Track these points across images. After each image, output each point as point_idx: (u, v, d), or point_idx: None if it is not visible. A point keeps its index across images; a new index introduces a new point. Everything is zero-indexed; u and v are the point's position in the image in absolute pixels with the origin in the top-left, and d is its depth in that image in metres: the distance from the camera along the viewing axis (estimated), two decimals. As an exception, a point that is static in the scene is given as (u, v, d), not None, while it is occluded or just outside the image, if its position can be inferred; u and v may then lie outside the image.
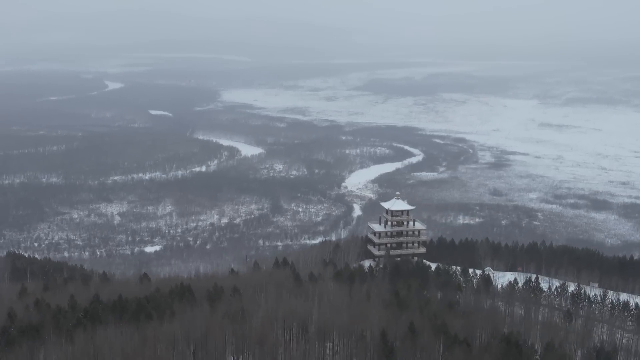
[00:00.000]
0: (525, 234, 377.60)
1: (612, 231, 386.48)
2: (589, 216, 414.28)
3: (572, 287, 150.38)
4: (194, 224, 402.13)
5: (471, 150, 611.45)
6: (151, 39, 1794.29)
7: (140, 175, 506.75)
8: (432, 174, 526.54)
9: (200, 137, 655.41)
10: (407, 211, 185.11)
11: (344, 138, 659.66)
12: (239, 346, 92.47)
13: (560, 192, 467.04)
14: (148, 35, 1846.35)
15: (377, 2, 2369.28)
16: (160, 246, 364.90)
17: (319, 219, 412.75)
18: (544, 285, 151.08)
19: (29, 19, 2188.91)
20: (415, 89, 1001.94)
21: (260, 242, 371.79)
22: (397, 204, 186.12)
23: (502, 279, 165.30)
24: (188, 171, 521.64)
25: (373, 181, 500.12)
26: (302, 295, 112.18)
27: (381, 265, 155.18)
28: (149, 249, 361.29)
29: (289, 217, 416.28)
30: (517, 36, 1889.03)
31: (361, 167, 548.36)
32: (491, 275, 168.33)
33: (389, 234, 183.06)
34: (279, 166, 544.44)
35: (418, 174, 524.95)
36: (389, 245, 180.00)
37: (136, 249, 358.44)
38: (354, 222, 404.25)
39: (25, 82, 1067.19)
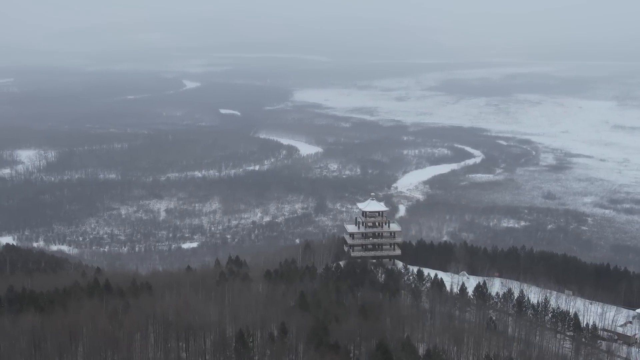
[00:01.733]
0: (570, 239, 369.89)
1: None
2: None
3: (534, 294, 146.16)
4: (236, 222, 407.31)
5: (534, 152, 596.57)
6: (234, 39, 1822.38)
7: (195, 172, 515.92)
8: (487, 175, 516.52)
9: (263, 136, 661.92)
10: (382, 212, 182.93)
11: (405, 138, 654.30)
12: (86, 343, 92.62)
13: (617, 197, 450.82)
14: (232, 36, 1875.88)
15: (462, 1, 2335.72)
16: (197, 243, 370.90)
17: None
18: (519, 292, 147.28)
19: (119, 21, 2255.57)
20: (491, 90, 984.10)
21: (297, 240, 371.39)
22: (371, 205, 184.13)
23: (476, 283, 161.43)
24: (241, 170, 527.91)
25: (425, 182, 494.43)
26: (211, 294, 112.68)
27: (334, 266, 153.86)
28: (187, 245, 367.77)
29: (331, 216, 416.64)
30: (603, 35, 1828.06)
31: (416, 168, 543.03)
32: (464, 280, 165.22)
33: (363, 235, 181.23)
34: (333, 166, 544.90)
35: (473, 175, 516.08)
36: (365, 246, 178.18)
37: (174, 246, 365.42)
38: (398, 223, 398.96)
39: (109, 81, 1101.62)
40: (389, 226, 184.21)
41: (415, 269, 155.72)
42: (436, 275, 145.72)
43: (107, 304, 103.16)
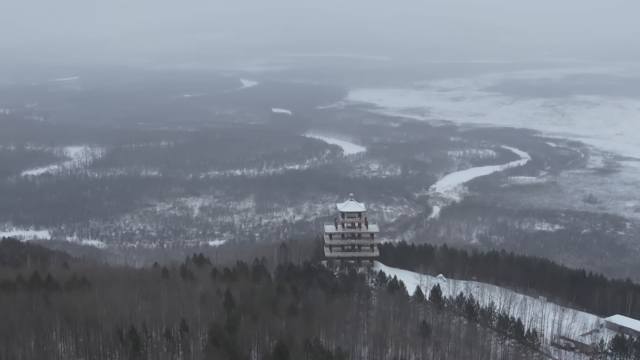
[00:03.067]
0: (603, 244, 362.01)
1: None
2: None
3: (503, 299, 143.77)
4: (268, 220, 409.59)
5: (583, 155, 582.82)
6: (296, 38, 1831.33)
7: (235, 171, 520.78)
8: (530, 178, 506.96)
9: (309, 135, 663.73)
10: (360, 213, 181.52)
11: (452, 139, 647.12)
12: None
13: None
14: (294, 35, 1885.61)
15: (529, 0, 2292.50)
16: (225, 240, 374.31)
17: (393, 220, 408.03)
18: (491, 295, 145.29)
19: (184, 20, 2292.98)
20: (549, 91, 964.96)
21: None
22: (349, 206, 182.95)
23: (454, 286, 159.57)
24: (281, 168, 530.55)
25: (465, 184, 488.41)
26: (143, 291, 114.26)
27: (287, 266, 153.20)
28: (214, 242, 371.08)
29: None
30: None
31: (459, 169, 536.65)
32: (441, 283, 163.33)
33: (341, 235, 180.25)
34: (374, 166, 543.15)
35: (515, 177, 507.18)
36: (344, 247, 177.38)
37: (201, 243, 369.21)
38: (427, 225, 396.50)
39: (169, 80, 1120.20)
40: (367, 227, 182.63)
41: (380, 269, 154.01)
42: (395, 277, 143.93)
43: (30, 297, 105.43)
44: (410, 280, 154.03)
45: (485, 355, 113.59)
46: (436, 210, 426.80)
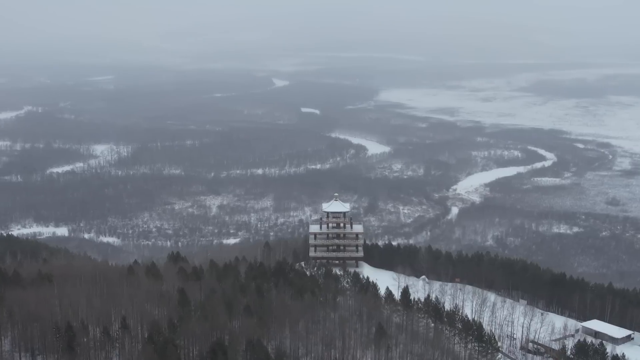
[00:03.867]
0: (621, 247, 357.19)
1: None
2: None
3: (476, 301, 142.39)
4: (284, 220, 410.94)
5: (610, 156, 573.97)
6: (331, 38, 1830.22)
7: (258, 170, 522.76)
8: (553, 179, 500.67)
9: (335, 134, 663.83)
10: (344, 213, 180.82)
11: (479, 139, 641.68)
12: None
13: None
14: (329, 35, 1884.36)
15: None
16: (239, 239, 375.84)
17: (409, 220, 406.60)
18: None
19: (221, 20, 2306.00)
20: (583, 91, 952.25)
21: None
22: (333, 206, 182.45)
23: (431, 288, 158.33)
24: (302, 168, 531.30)
25: (486, 185, 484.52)
26: (103, 288, 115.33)
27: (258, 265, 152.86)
28: (229, 241, 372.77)
29: (379, 217, 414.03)
30: None
31: (482, 170, 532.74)
32: (424, 284, 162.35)
33: (325, 235, 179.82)
34: (397, 166, 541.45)
35: (539, 179, 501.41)
36: (328, 247, 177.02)
37: (216, 241, 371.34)
38: (443, 226, 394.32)
39: (201, 79, 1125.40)
40: (351, 227, 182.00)
41: (359, 270, 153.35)
42: (368, 278, 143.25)
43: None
44: (389, 282, 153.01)
45: (443, 357, 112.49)
46: (454, 211, 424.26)
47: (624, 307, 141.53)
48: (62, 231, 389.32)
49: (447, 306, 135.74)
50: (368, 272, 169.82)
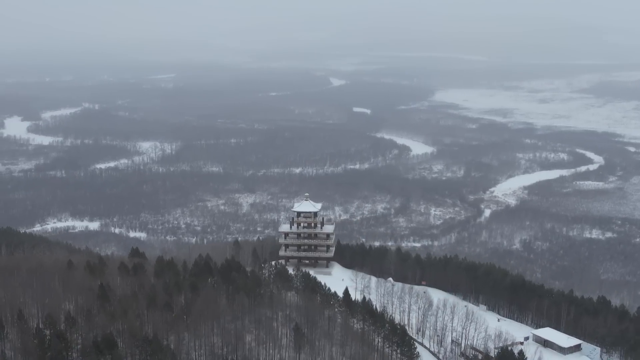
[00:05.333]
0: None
1: None
2: None
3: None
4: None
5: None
6: (393, 37, 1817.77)
7: (297, 169, 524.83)
8: (597, 183, 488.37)
9: (381, 135, 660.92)
10: (315, 213, 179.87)
11: (528, 141, 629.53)
12: None
13: None
14: (391, 34, 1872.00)
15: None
16: (264, 236, 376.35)
17: (439, 222, 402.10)
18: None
19: (286, 19, 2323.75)
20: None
21: (363, 240, 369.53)
22: (303, 205, 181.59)
23: (394, 289, 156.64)
24: (341, 167, 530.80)
25: (526, 188, 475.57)
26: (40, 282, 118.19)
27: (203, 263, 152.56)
28: (254, 238, 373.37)
29: (409, 218, 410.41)
30: None
31: (524, 173, 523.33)
32: (390, 287, 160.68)
33: (296, 235, 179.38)
34: (438, 167, 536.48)
35: (581, 182, 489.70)
36: (299, 247, 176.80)
37: (240, 238, 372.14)
38: (471, 229, 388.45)
39: (259, 78, 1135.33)
40: (321, 228, 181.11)
41: (326, 269, 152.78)
42: (315, 278, 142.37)
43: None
44: (348, 283, 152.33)
45: (366, 357, 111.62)
46: (487, 213, 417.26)
47: (578, 315, 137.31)
48: (95, 226, 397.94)
49: (393, 309, 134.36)
50: (337, 272, 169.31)
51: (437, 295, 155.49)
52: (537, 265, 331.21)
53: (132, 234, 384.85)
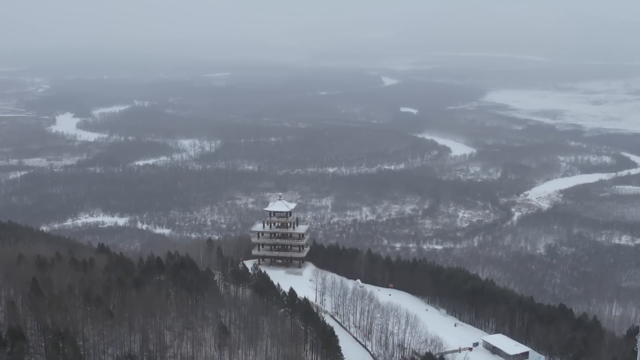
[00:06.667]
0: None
1: None
2: None
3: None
4: (338, 219, 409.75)
5: None
6: (453, 37, 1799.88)
7: (331, 168, 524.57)
8: (636, 187, 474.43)
9: (423, 135, 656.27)
10: (287, 213, 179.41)
11: (573, 144, 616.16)
12: None
13: None
14: (451, 34, 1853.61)
15: None
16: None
17: (465, 225, 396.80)
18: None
19: (346, 19, 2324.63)
20: None
21: (385, 241, 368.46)
22: (276, 205, 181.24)
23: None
24: (375, 168, 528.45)
25: (561, 191, 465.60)
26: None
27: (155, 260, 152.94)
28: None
29: (437, 220, 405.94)
30: None
31: (563, 176, 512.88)
32: (358, 288, 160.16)
33: (269, 235, 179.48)
34: (475, 168, 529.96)
35: (620, 187, 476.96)
36: (272, 246, 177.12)
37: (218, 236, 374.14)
38: (497, 232, 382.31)
39: (312, 77, 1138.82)
40: (293, 228, 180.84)
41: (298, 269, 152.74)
42: (268, 276, 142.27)
43: None
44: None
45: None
46: (516, 217, 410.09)
47: (531, 322, 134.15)
48: (124, 221, 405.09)
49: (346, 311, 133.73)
50: (308, 272, 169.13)
51: (402, 298, 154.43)
52: (558, 270, 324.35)
53: (157, 230, 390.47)
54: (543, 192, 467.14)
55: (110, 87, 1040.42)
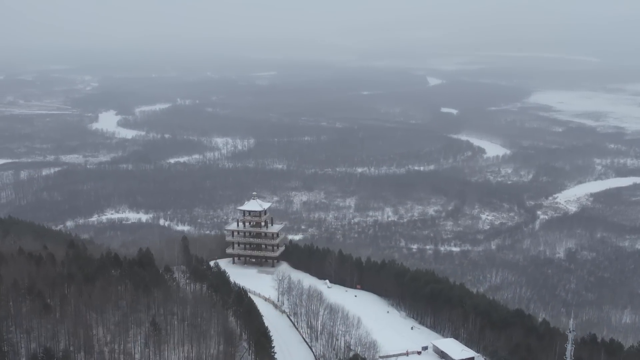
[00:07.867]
0: None
1: None
2: None
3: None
4: (359, 219, 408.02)
5: None
6: (504, 36, 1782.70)
7: (360, 168, 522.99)
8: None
9: (459, 136, 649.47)
10: (261, 212, 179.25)
11: (612, 146, 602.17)
12: None
13: None
14: (502, 33, 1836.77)
15: None
16: (302, 235, 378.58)
17: (486, 227, 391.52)
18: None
19: (398, 18, 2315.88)
20: None
21: (402, 243, 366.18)
22: (250, 204, 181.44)
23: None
24: (405, 168, 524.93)
25: (592, 194, 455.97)
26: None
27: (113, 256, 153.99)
28: (293, 236, 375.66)
29: (458, 222, 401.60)
30: None
31: (596, 179, 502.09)
32: (327, 289, 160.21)
33: (244, 234, 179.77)
34: (507, 170, 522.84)
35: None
36: (246, 245, 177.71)
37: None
38: (518, 235, 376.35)
39: (357, 77, 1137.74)
40: (267, 227, 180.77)
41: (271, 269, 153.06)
42: (229, 276, 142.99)
43: None
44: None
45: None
46: (541, 220, 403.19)
47: (482, 327, 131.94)
48: (147, 218, 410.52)
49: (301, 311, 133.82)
50: (283, 271, 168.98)
51: (367, 300, 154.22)
52: (575, 275, 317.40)
53: (178, 227, 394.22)
54: (573, 195, 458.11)
55: (156, 85, 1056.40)
